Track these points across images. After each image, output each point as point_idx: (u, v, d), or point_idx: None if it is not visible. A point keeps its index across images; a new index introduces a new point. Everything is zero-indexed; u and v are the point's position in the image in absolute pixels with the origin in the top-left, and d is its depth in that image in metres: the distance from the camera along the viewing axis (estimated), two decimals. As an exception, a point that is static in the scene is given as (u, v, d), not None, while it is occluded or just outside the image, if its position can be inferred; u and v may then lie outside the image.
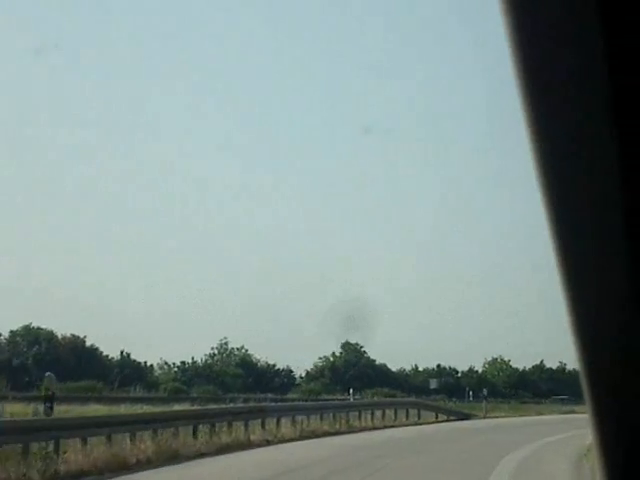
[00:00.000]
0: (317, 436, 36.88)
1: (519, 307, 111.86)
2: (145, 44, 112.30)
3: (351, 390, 67.63)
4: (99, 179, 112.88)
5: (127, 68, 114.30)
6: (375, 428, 43.10)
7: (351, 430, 40.71)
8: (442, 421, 51.87)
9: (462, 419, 53.56)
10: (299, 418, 38.99)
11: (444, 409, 55.64)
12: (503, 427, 44.91)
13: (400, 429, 43.16)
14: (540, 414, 64.00)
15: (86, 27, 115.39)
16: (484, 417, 55.67)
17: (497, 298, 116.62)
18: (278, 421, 36.71)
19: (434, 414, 53.21)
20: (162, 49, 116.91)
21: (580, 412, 70.45)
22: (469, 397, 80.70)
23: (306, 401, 57.56)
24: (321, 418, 40.89)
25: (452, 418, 53.74)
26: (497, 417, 57.34)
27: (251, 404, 45.33)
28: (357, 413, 44.91)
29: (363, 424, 43.84)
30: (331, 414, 42.21)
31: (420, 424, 48.19)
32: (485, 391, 58.22)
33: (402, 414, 49.83)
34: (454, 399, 76.76)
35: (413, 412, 51.35)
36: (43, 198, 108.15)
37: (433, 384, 77.35)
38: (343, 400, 57.25)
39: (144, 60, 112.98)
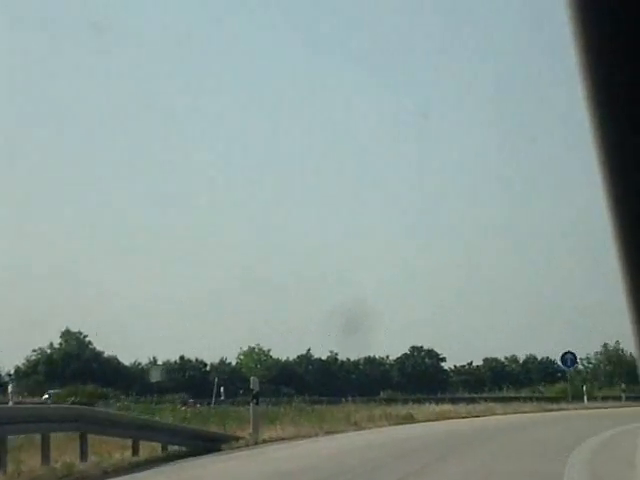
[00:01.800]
0: None
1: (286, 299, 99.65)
2: None
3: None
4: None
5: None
6: None
7: None
8: (146, 463, 19.25)
9: (200, 452, 21.12)
10: None
11: (157, 427, 22.27)
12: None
13: None
14: (358, 426, 32.44)
15: None
16: (255, 442, 23.29)
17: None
18: None
19: (130, 442, 20.35)
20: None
21: (455, 416, 39.62)
22: (219, 396, 50.81)
23: None
24: None
25: (177, 448, 21.40)
26: (284, 440, 25.03)
27: None
28: None
29: None
30: None
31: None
32: (255, 381, 25.41)
33: (26, 453, 16.98)
34: (192, 400, 44.47)
35: (71, 446, 18.52)
36: None
37: (156, 375, 42.80)
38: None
39: None
